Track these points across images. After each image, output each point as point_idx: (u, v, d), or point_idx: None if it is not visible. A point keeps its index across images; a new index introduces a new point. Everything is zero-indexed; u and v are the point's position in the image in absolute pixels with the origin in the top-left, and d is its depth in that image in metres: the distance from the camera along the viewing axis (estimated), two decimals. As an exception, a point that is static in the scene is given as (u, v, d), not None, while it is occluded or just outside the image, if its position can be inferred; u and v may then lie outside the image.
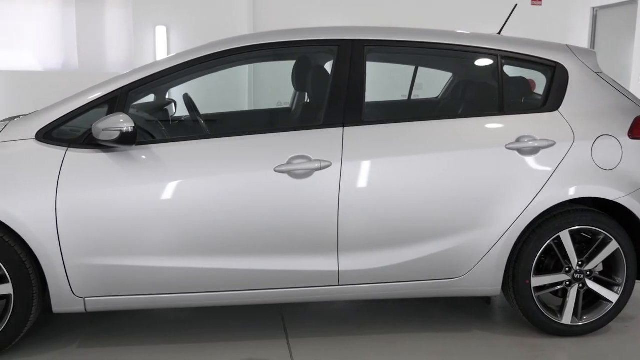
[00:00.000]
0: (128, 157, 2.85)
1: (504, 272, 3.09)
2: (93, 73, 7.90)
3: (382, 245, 2.98)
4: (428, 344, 3.11)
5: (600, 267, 3.22)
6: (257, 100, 8.29)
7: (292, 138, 2.98)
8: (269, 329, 3.27)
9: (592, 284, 3.15)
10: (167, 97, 3.93)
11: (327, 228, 2.92)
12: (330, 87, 3.07)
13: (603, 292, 3.16)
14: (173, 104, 3.99)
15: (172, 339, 3.15)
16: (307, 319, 3.41)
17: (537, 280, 3.10)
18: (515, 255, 3.08)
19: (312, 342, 3.13)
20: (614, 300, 3.17)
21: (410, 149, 3.00)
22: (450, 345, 3.10)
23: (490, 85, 3.35)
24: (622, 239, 3.13)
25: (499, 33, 3.66)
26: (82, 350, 3.03)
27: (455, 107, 3.79)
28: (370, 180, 2.95)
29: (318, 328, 3.30)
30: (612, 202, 3.13)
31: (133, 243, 2.83)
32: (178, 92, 3.77)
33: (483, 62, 3.38)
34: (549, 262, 3.18)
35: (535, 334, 3.21)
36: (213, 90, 6.01)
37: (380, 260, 2.99)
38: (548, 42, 3.42)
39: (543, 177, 3.05)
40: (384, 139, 3.00)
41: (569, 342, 3.15)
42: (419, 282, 3.06)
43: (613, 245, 3.13)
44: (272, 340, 3.14)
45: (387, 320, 3.40)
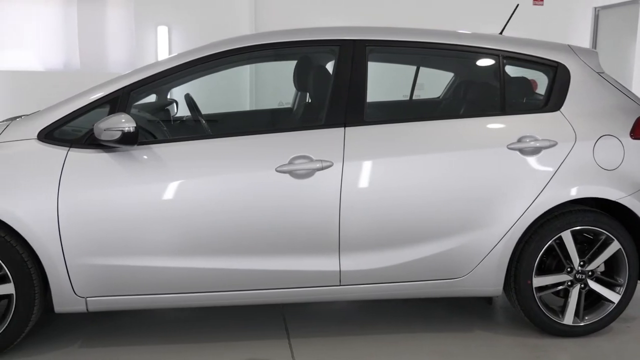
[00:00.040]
0: (130, 157, 2.85)
1: (506, 272, 3.09)
2: (94, 73, 7.90)
3: (383, 246, 2.98)
4: (430, 344, 3.11)
5: (602, 267, 3.22)
6: (258, 100, 8.28)
7: (293, 138, 2.98)
8: (270, 329, 3.27)
9: (593, 285, 3.15)
10: (168, 97, 3.93)
11: (328, 228, 2.92)
12: (332, 87, 3.07)
13: (605, 292, 3.16)
14: (174, 104, 3.99)
15: (173, 339, 3.15)
16: (308, 319, 3.41)
17: (538, 281, 3.10)
18: (517, 256, 3.08)
19: (313, 342, 3.13)
20: (616, 301, 3.16)
21: (412, 149, 3.00)
22: (452, 346, 3.10)
23: (492, 85, 3.34)
24: (623, 240, 3.12)
25: (501, 33, 3.66)
26: (83, 350, 3.03)
27: (457, 107, 3.79)
28: (372, 180, 2.95)
29: (319, 328, 3.30)
30: (613, 202, 3.13)
31: (135, 243, 2.83)
32: (179, 92, 3.77)
33: (485, 62, 3.38)
34: (551, 262, 3.17)
35: (537, 335, 3.21)
36: (214, 90, 6.00)
37: (382, 261, 2.99)
38: (550, 42, 3.42)
39: (545, 177, 3.05)
40: (386, 139, 3.00)
41: (571, 342, 3.15)
42: (420, 282, 3.06)
43: (615, 246, 3.12)
44: (273, 340, 3.14)
45: (389, 320, 3.40)
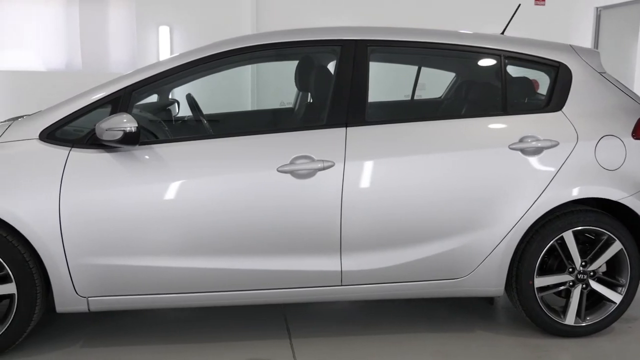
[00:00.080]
0: (131, 157, 2.85)
1: (507, 272, 3.09)
2: (96, 73, 7.90)
3: (385, 246, 2.98)
4: (432, 345, 3.10)
5: (604, 267, 3.21)
6: (260, 100, 8.28)
7: (295, 138, 2.98)
8: (272, 329, 3.27)
9: (595, 285, 3.15)
10: (170, 97, 3.93)
11: (330, 228, 2.92)
12: (333, 87, 3.07)
13: (606, 292, 3.16)
14: (176, 104, 3.99)
15: (174, 339, 3.15)
16: (309, 319, 3.41)
17: (540, 281, 3.10)
18: (519, 256, 3.08)
19: (315, 342, 3.13)
20: (618, 301, 3.16)
21: (413, 149, 3.00)
22: (454, 346, 3.10)
23: (494, 86, 3.34)
24: (625, 240, 3.12)
25: (502, 33, 3.66)
26: (85, 350, 3.04)
27: (459, 107, 3.79)
28: (373, 181, 2.95)
29: (321, 328, 3.30)
30: (615, 202, 3.13)
31: (136, 243, 2.83)
32: (181, 92, 3.77)
33: (486, 62, 3.38)
34: (552, 262, 3.17)
35: (539, 335, 3.21)
36: (216, 90, 6.00)
37: (383, 261, 2.99)
38: (551, 42, 3.42)
39: (546, 177, 3.05)
40: (387, 139, 3.00)
41: (572, 342, 3.15)
42: (422, 282, 3.06)
43: (617, 246, 3.12)
44: (274, 340, 3.14)
45: (391, 320, 3.40)
